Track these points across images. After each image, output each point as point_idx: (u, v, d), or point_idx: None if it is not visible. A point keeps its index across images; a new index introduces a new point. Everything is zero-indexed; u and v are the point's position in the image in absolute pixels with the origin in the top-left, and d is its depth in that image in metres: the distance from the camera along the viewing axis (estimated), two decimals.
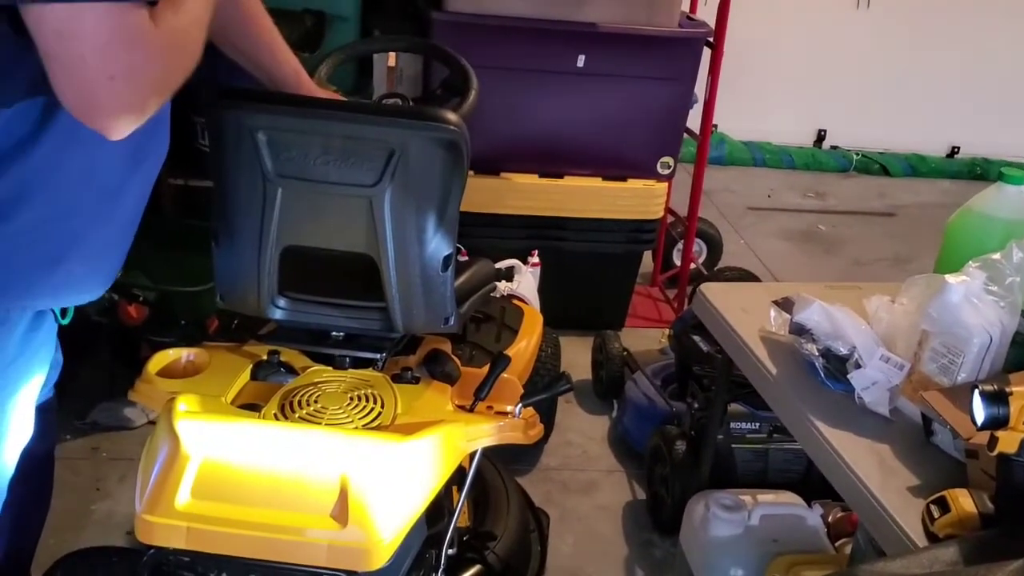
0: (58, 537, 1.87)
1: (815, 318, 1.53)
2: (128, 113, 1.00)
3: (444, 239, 1.46)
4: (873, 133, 5.65)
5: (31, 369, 1.33)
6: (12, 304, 1.23)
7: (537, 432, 1.69)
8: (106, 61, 0.94)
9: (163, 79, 1.02)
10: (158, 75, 1.01)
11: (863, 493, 1.31)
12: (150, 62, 0.99)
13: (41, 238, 1.20)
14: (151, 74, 1.00)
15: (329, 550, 1.23)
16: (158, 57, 1.00)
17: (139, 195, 1.33)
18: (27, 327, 1.28)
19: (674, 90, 2.94)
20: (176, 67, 1.04)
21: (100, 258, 1.31)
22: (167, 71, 1.03)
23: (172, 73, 1.04)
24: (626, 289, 3.29)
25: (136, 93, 0.99)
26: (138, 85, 0.98)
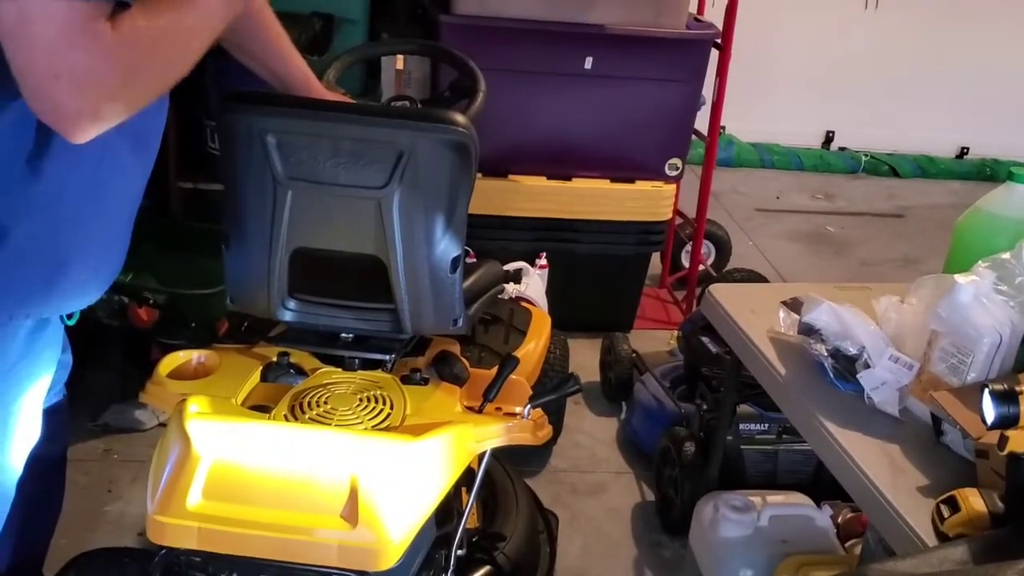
0: (70, 538, 1.88)
1: (824, 318, 1.52)
2: (80, 116, 0.96)
3: (453, 240, 1.47)
4: (882, 134, 5.64)
5: (36, 371, 1.34)
6: (16, 311, 1.24)
7: (546, 433, 1.69)
8: (50, 59, 0.92)
9: (119, 84, 0.97)
10: (110, 78, 0.96)
11: (873, 493, 1.31)
12: (98, 63, 0.94)
13: (44, 248, 1.21)
14: (99, 76, 0.94)
15: (339, 550, 1.24)
16: (108, 59, 0.94)
17: (136, 194, 1.34)
18: (31, 329, 1.28)
19: (682, 91, 2.94)
20: (141, 72, 0.99)
21: (100, 262, 1.32)
22: (125, 75, 0.97)
23: (134, 78, 0.99)
24: (634, 291, 3.29)
25: (83, 95, 0.94)
26: (84, 86, 0.94)
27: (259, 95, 1.44)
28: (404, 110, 1.69)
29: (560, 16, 2.77)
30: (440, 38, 2.74)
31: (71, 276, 1.27)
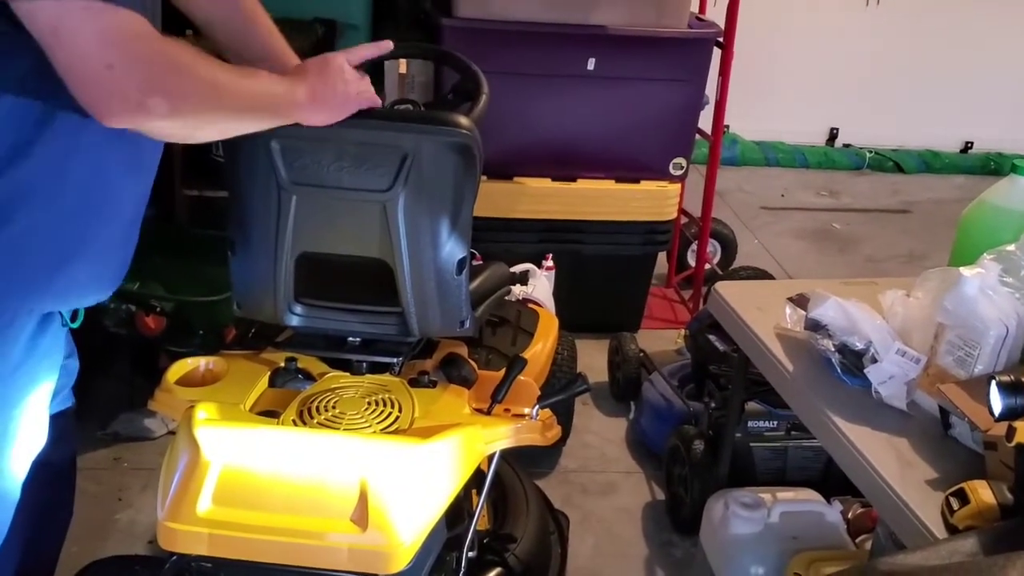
0: (81, 546, 1.89)
1: (830, 314, 1.53)
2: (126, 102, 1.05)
3: (458, 243, 1.47)
4: (886, 130, 5.63)
5: (39, 375, 1.34)
6: (19, 306, 1.25)
7: (555, 433, 1.69)
8: (103, 51, 1.03)
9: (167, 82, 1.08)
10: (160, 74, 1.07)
11: (882, 487, 1.31)
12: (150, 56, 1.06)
13: (46, 240, 1.22)
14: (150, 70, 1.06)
15: (350, 554, 1.24)
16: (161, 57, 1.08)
17: (140, 195, 1.35)
18: (33, 331, 1.29)
19: (685, 91, 2.94)
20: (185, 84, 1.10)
21: (104, 259, 1.32)
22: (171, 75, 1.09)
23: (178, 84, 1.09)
24: (641, 291, 3.29)
25: (135, 83, 1.05)
26: (137, 75, 1.05)
27: None
28: (407, 113, 1.69)
29: (562, 18, 2.78)
30: (442, 41, 2.74)
31: (72, 272, 1.27)
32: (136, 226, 1.38)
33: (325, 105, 1.31)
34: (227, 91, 1.17)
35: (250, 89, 1.22)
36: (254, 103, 1.23)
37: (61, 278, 1.26)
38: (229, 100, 1.18)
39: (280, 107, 1.27)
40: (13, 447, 1.35)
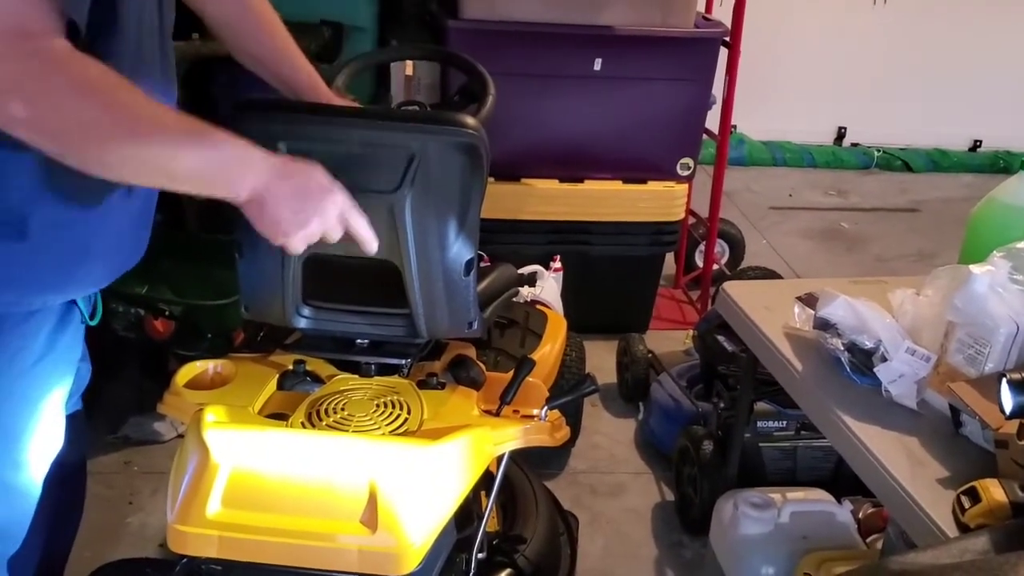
0: (92, 550, 1.90)
1: (840, 312, 1.52)
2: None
3: (466, 243, 1.47)
4: (894, 129, 5.61)
5: (58, 371, 1.35)
6: (37, 299, 1.25)
7: (564, 434, 1.69)
8: None
9: (33, 87, 1.00)
10: (27, 77, 0.99)
11: (892, 486, 1.30)
12: (21, 55, 0.98)
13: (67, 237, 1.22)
14: (15, 69, 0.98)
15: (360, 555, 1.24)
16: (36, 61, 0.99)
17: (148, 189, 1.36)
18: (53, 327, 1.30)
19: (692, 91, 2.94)
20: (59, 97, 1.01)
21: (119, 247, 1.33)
22: (42, 82, 1.00)
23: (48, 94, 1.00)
24: (649, 291, 3.28)
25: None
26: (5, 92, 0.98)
27: (269, 103, 1.45)
28: (414, 113, 1.69)
29: (568, 18, 2.78)
30: (448, 43, 2.75)
31: (91, 266, 1.28)
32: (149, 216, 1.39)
33: (283, 204, 1.15)
34: (131, 127, 1.05)
35: (176, 136, 1.07)
36: (176, 153, 1.08)
37: (79, 273, 1.27)
38: (131, 137, 1.05)
39: (217, 174, 1.12)
40: (33, 444, 1.36)
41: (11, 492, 1.37)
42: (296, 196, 1.17)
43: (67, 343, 1.35)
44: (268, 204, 1.16)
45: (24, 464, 1.36)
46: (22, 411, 1.33)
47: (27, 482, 1.38)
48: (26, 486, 1.39)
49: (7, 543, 1.40)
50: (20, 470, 1.36)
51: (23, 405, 1.32)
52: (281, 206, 1.16)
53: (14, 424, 1.32)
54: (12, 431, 1.33)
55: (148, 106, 1.07)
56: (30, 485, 1.39)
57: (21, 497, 1.39)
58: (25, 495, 1.39)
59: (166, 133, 1.08)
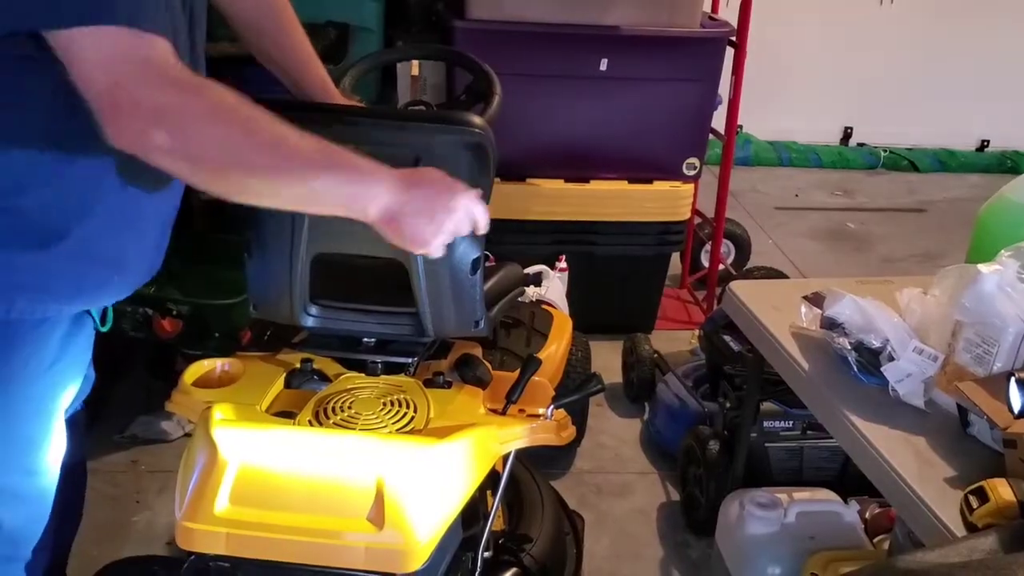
0: (100, 548, 1.90)
1: (847, 312, 1.52)
2: (130, 123, 1.03)
3: (472, 243, 1.47)
4: (900, 129, 5.60)
5: (69, 376, 1.36)
6: (52, 308, 1.26)
7: (569, 433, 1.69)
8: (111, 66, 1.02)
9: (175, 117, 1.04)
10: (169, 106, 1.03)
11: (900, 486, 1.30)
12: (163, 83, 1.03)
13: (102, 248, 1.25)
14: (158, 99, 1.03)
15: (367, 553, 1.24)
16: (177, 90, 1.04)
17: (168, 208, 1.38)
18: (66, 331, 1.31)
19: (698, 91, 2.94)
20: (198, 126, 1.05)
21: (136, 264, 1.35)
22: (184, 111, 1.04)
23: (188, 123, 1.04)
24: (655, 291, 3.28)
25: (140, 109, 1.02)
26: (144, 100, 1.02)
27: (278, 102, 1.44)
28: (420, 113, 1.70)
29: (574, 19, 2.78)
30: (455, 43, 2.75)
31: (125, 274, 1.31)
32: (166, 231, 1.41)
33: (418, 216, 1.16)
34: (271, 152, 1.08)
35: (313, 159, 1.10)
36: (314, 177, 1.10)
37: (113, 281, 1.30)
38: (271, 162, 1.08)
39: (352, 195, 1.14)
40: (46, 450, 1.36)
41: (26, 499, 1.38)
42: (427, 205, 1.17)
43: (79, 348, 1.36)
44: (405, 219, 1.16)
45: (37, 471, 1.37)
46: (35, 417, 1.33)
47: (41, 488, 1.39)
48: (40, 492, 1.39)
49: (21, 548, 1.41)
50: (34, 476, 1.37)
51: (37, 411, 1.33)
52: (416, 218, 1.16)
53: (28, 431, 1.33)
54: (26, 437, 1.33)
55: (284, 130, 1.09)
56: (43, 490, 1.40)
57: (35, 503, 1.40)
58: (39, 500, 1.40)
59: (304, 157, 1.09)
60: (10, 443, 1.32)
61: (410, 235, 1.17)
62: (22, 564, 1.42)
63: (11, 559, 1.40)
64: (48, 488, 1.40)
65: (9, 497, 1.35)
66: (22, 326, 1.25)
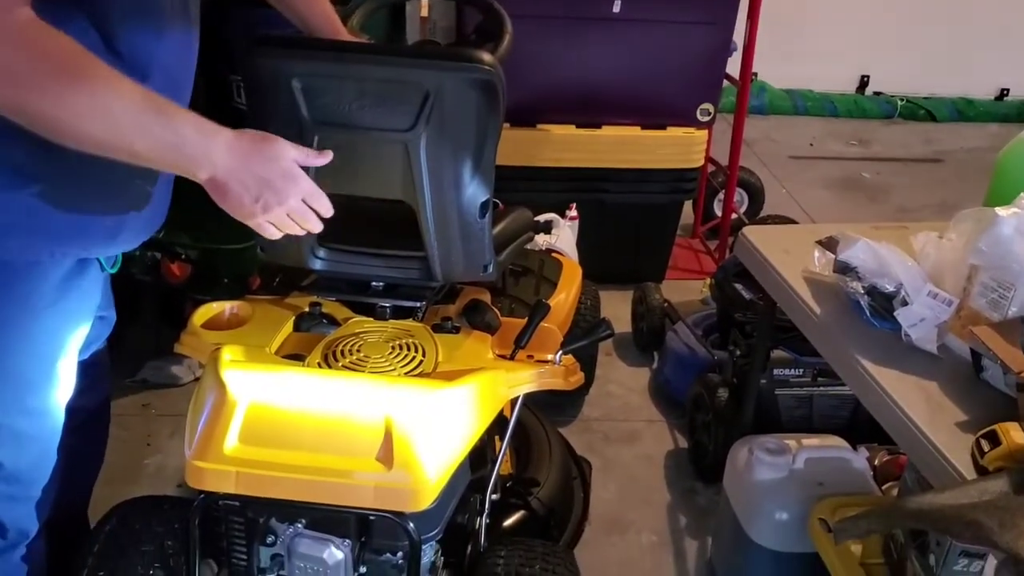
0: (111, 489, 1.91)
1: (860, 256, 1.50)
2: None
3: (481, 185, 1.45)
4: (918, 78, 5.52)
5: (73, 319, 1.35)
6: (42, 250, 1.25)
7: (578, 379, 1.69)
8: None
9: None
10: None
11: (911, 430, 1.29)
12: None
13: (72, 189, 1.22)
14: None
15: (376, 492, 1.25)
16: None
17: None
18: (67, 273, 1.30)
19: (713, 34, 2.88)
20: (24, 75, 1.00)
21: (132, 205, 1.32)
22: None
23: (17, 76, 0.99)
24: (666, 240, 3.26)
25: None
26: None
27: (284, 39, 1.42)
28: (429, 50, 1.67)
29: None
30: None
31: (121, 223, 1.29)
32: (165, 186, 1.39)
33: (244, 189, 1.15)
34: (84, 82, 1.03)
35: (138, 105, 1.06)
36: (137, 122, 1.06)
37: (84, 228, 1.27)
38: (82, 90, 1.03)
39: (178, 148, 1.10)
40: (45, 391, 1.37)
41: (24, 439, 1.38)
42: (255, 182, 1.17)
43: (84, 291, 1.35)
44: (230, 188, 1.15)
45: (39, 411, 1.37)
46: (35, 358, 1.33)
47: (44, 429, 1.39)
48: (42, 432, 1.39)
49: (24, 487, 1.42)
50: (35, 417, 1.37)
51: (36, 352, 1.32)
52: (242, 191, 1.16)
53: (27, 371, 1.33)
54: (25, 378, 1.33)
55: (109, 73, 1.05)
56: (47, 431, 1.40)
57: (37, 444, 1.40)
58: (41, 441, 1.40)
59: (125, 99, 1.06)
60: (7, 383, 1.32)
61: (234, 204, 1.17)
62: (27, 504, 1.43)
63: (14, 499, 1.41)
64: (52, 429, 1.41)
65: (8, 437, 1.35)
66: (15, 267, 1.24)
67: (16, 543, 1.44)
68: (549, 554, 1.53)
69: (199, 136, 1.12)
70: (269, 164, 1.18)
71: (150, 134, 1.08)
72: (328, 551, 1.36)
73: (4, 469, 1.37)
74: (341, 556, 1.36)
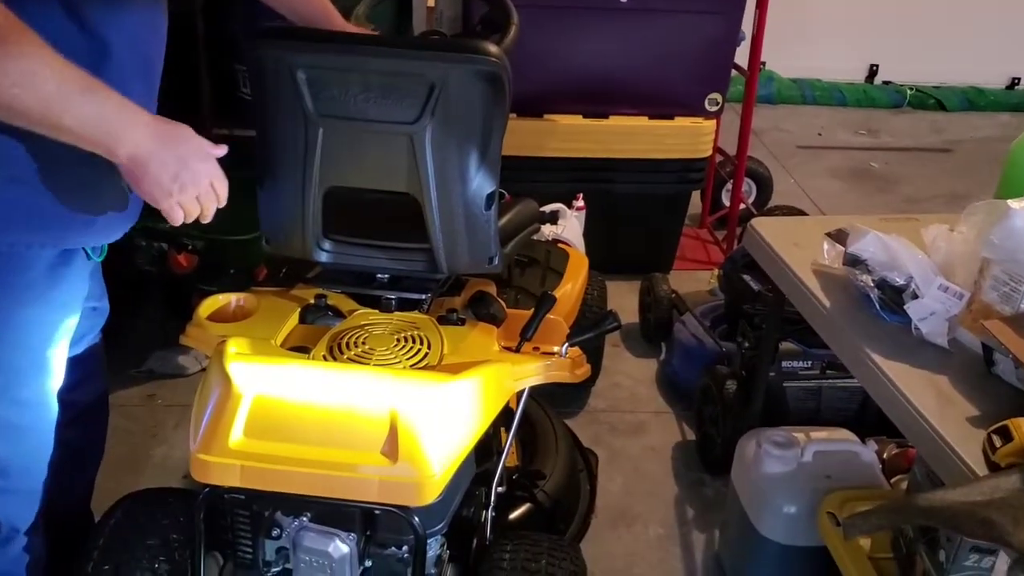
0: (116, 480, 1.91)
1: (870, 248, 1.48)
2: None
3: (487, 177, 1.44)
4: (927, 66, 5.48)
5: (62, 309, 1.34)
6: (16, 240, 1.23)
7: (584, 371, 1.68)
8: None
9: None
10: None
11: (921, 425, 1.28)
12: None
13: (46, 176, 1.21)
14: None
15: (380, 486, 1.25)
16: None
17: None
18: (52, 263, 1.28)
19: (721, 23, 2.86)
20: None
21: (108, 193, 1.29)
22: None
23: None
24: (674, 231, 3.24)
25: None
26: None
27: (289, 30, 1.42)
28: (435, 42, 1.66)
29: None
30: None
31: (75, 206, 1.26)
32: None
33: (163, 169, 1.16)
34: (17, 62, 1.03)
35: (64, 77, 1.06)
36: (60, 94, 1.06)
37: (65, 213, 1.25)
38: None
39: (101, 125, 1.11)
40: (45, 379, 1.36)
41: (16, 431, 1.37)
42: (175, 164, 1.18)
43: (72, 281, 1.34)
44: (150, 167, 1.16)
45: (29, 403, 1.36)
46: (22, 348, 1.32)
47: (33, 421, 1.38)
48: (32, 425, 1.39)
49: (16, 480, 1.40)
50: (25, 409, 1.36)
51: (23, 343, 1.32)
52: (161, 170, 1.17)
53: (15, 361, 1.32)
54: (13, 368, 1.32)
55: (42, 46, 1.05)
56: (37, 424, 1.39)
57: (27, 435, 1.39)
58: (31, 433, 1.39)
59: (56, 72, 1.06)
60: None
61: (150, 184, 1.17)
62: (20, 498, 1.42)
63: (4, 492, 1.40)
64: (46, 422, 1.40)
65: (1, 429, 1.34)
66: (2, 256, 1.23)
67: (9, 538, 1.43)
68: (555, 547, 1.52)
69: (124, 114, 1.13)
70: (186, 145, 1.20)
71: (78, 108, 1.09)
72: (333, 545, 1.35)
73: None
74: (346, 550, 1.35)
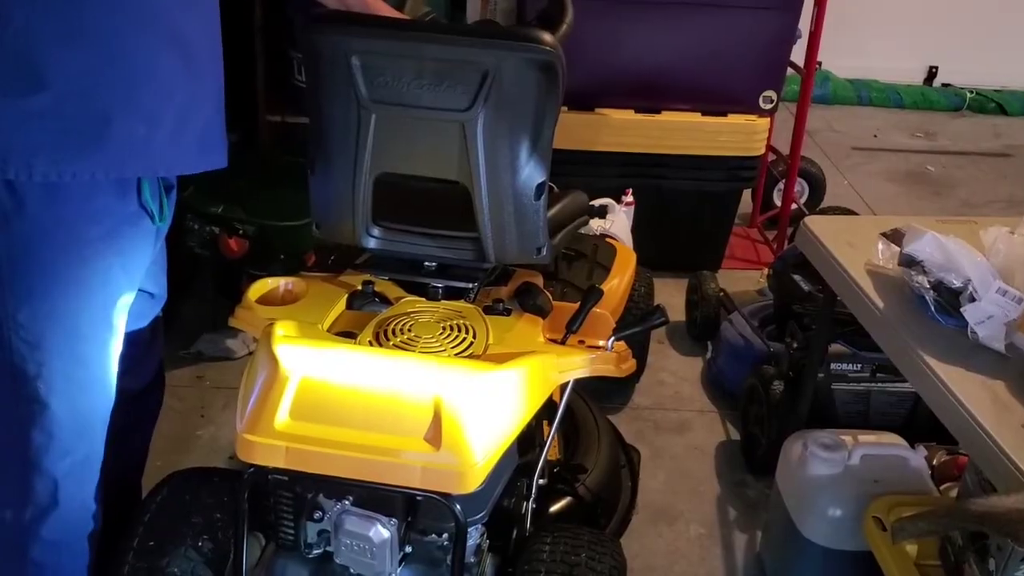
0: (164, 459, 1.95)
1: (927, 250, 1.45)
2: None
3: (537, 166, 1.43)
4: (989, 69, 5.35)
5: (125, 262, 1.35)
6: (79, 168, 1.23)
7: (629, 366, 1.66)
8: None
9: None
10: None
11: (975, 430, 1.25)
12: None
13: (88, 97, 1.20)
14: None
15: (423, 472, 1.25)
16: None
17: (209, 55, 1.33)
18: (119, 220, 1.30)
19: (778, 20, 2.81)
20: None
21: (156, 114, 1.28)
22: None
23: None
24: (724, 229, 3.21)
25: None
26: None
27: (344, 16, 1.42)
28: (489, 30, 1.65)
29: None
30: None
31: (119, 128, 1.24)
32: (214, 95, 1.37)
33: None
34: None
35: None
36: None
37: (110, 136, 1.24)
38: None
39: None
40: (106, 342, 1.38)
41: (76, 387, 1.37)
42: None
43: (137, 244, 1.35)
44: None
45: (87, 360, 1.37)
46: (84, 302, 1.33)
47: (91, 380, 1.39)
48: (90, 384, 1.39)
49: (74, 440, 1.40)
50: (83, 366, 1.37)
51: (84, 296, 1.32)
52: None
53: (76, 315, 1.33)
54: (74, 322, 1.33)
55: None
56: (94, 384, 1.40)
57: (84, 393, 1.39)
58: (88, 392, 1.39)
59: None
60: (60, 325, 1.32)
61: None
62: (72, 459, 1.41)
63: (67, 452, 1.40)
64: (102, 384, 1.40)
65: (62, 383, 1.35)
66: (65, 189, 1.23)
67: (65, 504, 1.42)
68: (595, 542, 1.51)
69: None
70: None
71: None
72: (374, 529, 1.36)
73: (56, 418, 1.36)
74: (387, 535, 1.35)
